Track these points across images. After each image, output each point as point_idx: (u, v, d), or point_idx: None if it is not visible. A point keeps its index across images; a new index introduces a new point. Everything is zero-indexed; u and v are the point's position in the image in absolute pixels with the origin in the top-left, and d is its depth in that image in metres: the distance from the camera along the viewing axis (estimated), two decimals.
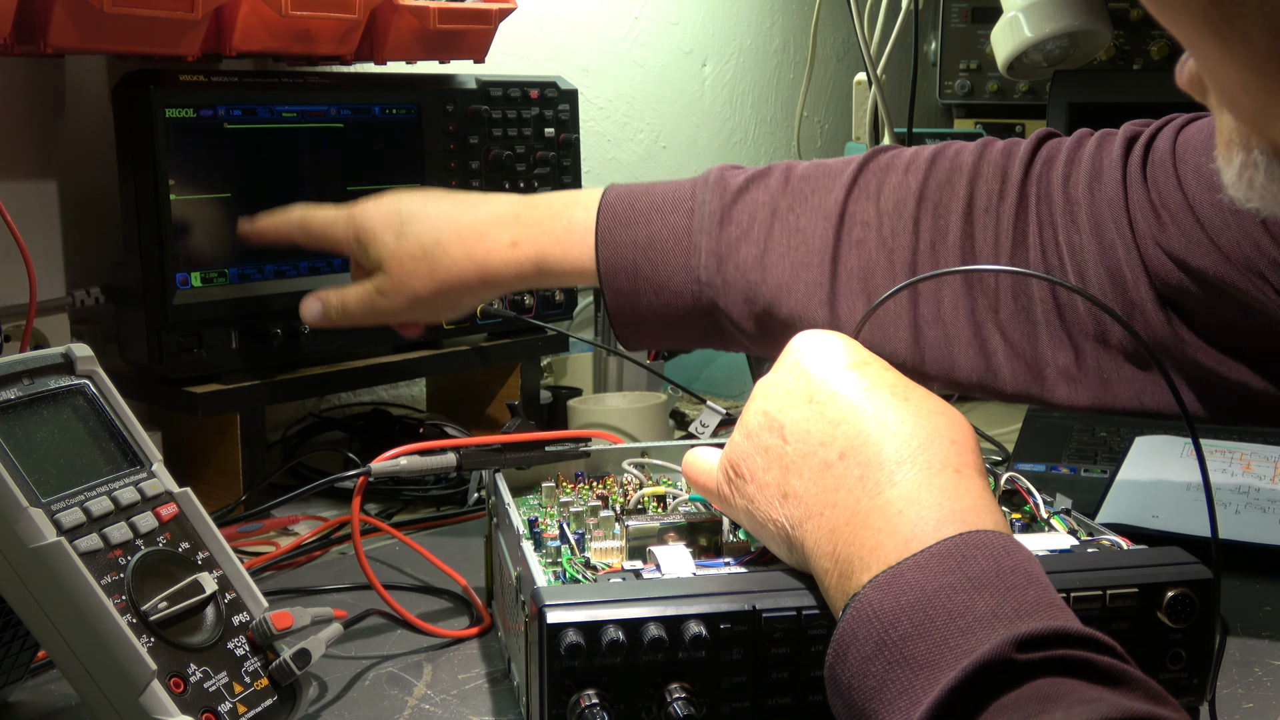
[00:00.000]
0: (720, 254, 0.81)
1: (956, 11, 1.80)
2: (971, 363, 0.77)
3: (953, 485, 0.55)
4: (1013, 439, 1.22)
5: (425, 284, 0.88)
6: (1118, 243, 0.73)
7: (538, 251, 0.85)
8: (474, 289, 0.88)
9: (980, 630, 0.48)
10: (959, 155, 0.79)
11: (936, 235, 0.77)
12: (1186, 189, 0.71)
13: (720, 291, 0.81)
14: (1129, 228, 0.73)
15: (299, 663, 0.65)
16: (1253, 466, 1.05)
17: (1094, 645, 0.47)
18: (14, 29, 0.86)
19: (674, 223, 0.82)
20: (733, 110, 1.77)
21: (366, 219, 0.91)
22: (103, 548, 0.61)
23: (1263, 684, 0.73)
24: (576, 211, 0.85)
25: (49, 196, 1.05)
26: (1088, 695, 0.45)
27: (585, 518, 0.71)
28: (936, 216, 0.78)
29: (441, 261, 0.87)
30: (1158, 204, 0.72)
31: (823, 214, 0.79)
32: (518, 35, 1.44)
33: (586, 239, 0.84)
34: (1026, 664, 0.46)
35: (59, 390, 0.65)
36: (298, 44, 1.01)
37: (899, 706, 0.48)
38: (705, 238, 0.81)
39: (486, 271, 0.87)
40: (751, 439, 0.61)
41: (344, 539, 0.97)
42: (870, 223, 0.78)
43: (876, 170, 0.80)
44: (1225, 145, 0.47)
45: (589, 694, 0.56)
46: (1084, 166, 0.76)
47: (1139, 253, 0.73)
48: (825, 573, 0.56)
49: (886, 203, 0.79)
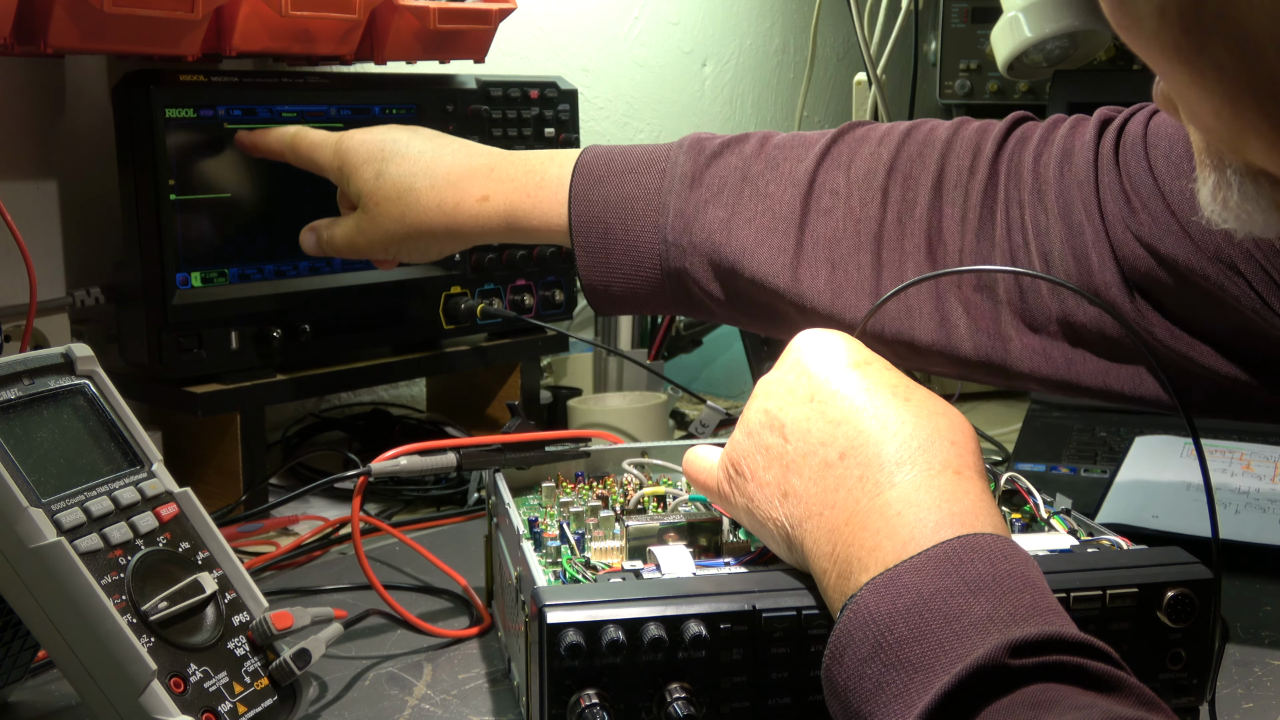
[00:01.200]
0: (688, 215, 0.80)
1: (956, 11, 1.79)
2: (931, 329, 0.76)
3: (952, 487, 0.55)
4: (1013, 439, 1.22)
5: (397, 227, 0.89)
6: (1085, 225, 0.73)
7: (508, 206, 0.86)
8: (441, 238, 0.89)
9: (975, 634, 0.48)
10: (933, 131, 0.79)
11: (904, 207, 0.77)
12: (1157, 175, 0.71)
13: (686, 252, 0.81)
14: (1098, 211, 0.73)
15: (299, 663, 0.65)
16: (1253, 466, 1.05)
17: (1088, 651, 0.47)
18: (14, 29, 0.86)
19: (646, 182, 0.82)
20: (733, 110, 1.77)
21: (352, 151, 0.91)
22: (103, 548, 0.61)
23: (1263, 684, 0.73)
24: (551, 168, 0.85)
25: (49, 196, 1.05)
26: (1080, 701, 0.45)
27: (585, 518, 0.71)
28: (905, 189, 0.77)
29: (413, 207, 0.88)
30: (1129, 189, 0.72)
31: (792, 181, 0.79)
32: (518, 35, 1.44)
33: (559, 195, 0.84)
34: (1020, 669, 0.46)
35: (59, 390, 0.65)
36: (298, 44, 1.01)
37: (894, 709, 0.48)
38: (674, 198, 0.81)
39: (454, 223, 0.87)
40: (752, 437, 0.61)
41: (344, 539, 0.97)
42: (839, 191, 0.78)
43: (850, 141, 0.80)
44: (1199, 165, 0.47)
45: (589, 694, 0.56)
46: (1056, 147, 0.75)
47: (1107, 236, 0.72)
48: (824, 573, 0.56)
49: (857, 173, 0.78)
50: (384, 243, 0.91)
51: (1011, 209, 0.76)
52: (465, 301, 1.14)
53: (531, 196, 0.85)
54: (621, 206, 0.82)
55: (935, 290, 0.76)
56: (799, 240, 0.78)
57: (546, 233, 0.85)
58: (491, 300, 1.16)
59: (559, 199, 0.84)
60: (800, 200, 0.78)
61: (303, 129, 0.96)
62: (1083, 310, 0.72)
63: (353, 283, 1.08)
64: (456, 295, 1.14)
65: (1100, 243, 0.72)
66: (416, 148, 0.90)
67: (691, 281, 0.81)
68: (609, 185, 0.83)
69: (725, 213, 0.80)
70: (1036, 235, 0.74)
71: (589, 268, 0.83)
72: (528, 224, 0.85)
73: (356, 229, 0.92)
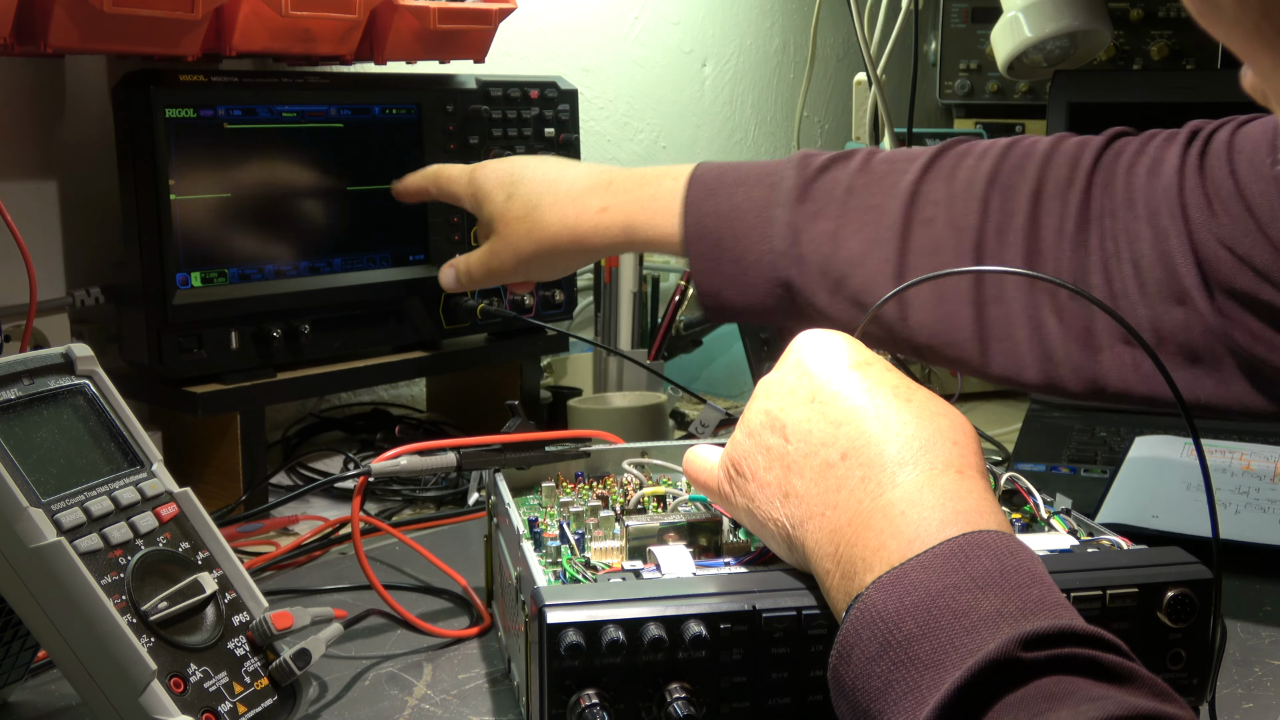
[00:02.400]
0: (796, 226, 0.83)
1: (956, 11, 1.79)
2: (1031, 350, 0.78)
3: (955, 486, 0.55)
4: (1013, 439, 1.22)
5: (526, 244, 0.93)
6: (1170, 230, 0.75)
7: (626, 217, 0.89)
8: (567, 251, 0.92)
9: (985, 630, 0.48)
10: (1034, 145, 0.82)
11: (1003, 218, 0.79)
12: (1239, 178, 0.73)
13: (795, 263, 0.83)
14: (1181, 214, 0.75)
15: (299, 663, 0.65)
16: (1253, 466, 1.05)
17: (1099, 643, 0.47)
18: (14, 29, 0.86)
19: (756, 195, 0.85)
20: (733, 110, 1.77)
21: (484, 179, 0.97)
22: (103, 548, 0.61)
23: (1263, 684, 0.73)
24: (666, 182, 0.89)
25: (49, 196, 1.05)
26: (1094, 693, 0.45)
27: (585, 518, 0.71)
28: (1005, 199, 0.80)
29: (539, 223, 0.92)
30: (1210, 193, 0.74)
31: (895, 193, 0.82)
32: (518, 35, 1.44)
33: (672, 207, 0.87)
34: (1032, 662, 0.46)
35: (59, 390, 0.65)
36: (298, 44, 1.01)
37: (904, 707, 0.48)
38: (783, 210, 0.84)
39: (577, 235, 0.91)
40: (753, 437, 0.61)
41: (344, 539, 0.97)
42: (940, 202, 0.81)
43: (953, 155, 0.83)
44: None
45: (589, 694, 0.56)
46: (1147, 158, 0.78)
47: (1190, 239, 0.74)
48: (827, 573, 0.56)
49: (958, 184, 0.81)
50: (515, 262, 0.95)
51: (1105, 219, 0.78)
52: (465, 301, 1.14)
53: (647, 209, 0.88)
54: (733, 218, 0.85)
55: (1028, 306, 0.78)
56: (902, 250, 0.80)
57: (663, 243, 0.89)
58: (491, 300, 1.16)
59: (672, 211, 0.87)
60: (903, 211, 0.81)
61: (441, 166, 1.03)
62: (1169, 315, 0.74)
63: (353, 283, 1.08)
64: (456, 295, 1.14)
65: (1184, 246, 0.74)
66: (542, 171, 0.95)
67: (798, 292, 0.84)
68: (720, 198, 0.86)
69: (832, 225, 0.82)
70: (1129, 243, 0.76)
71: (702, 275, 0.87)
72: (645, 235, 0.89)
73: (490, 253, 0.96)
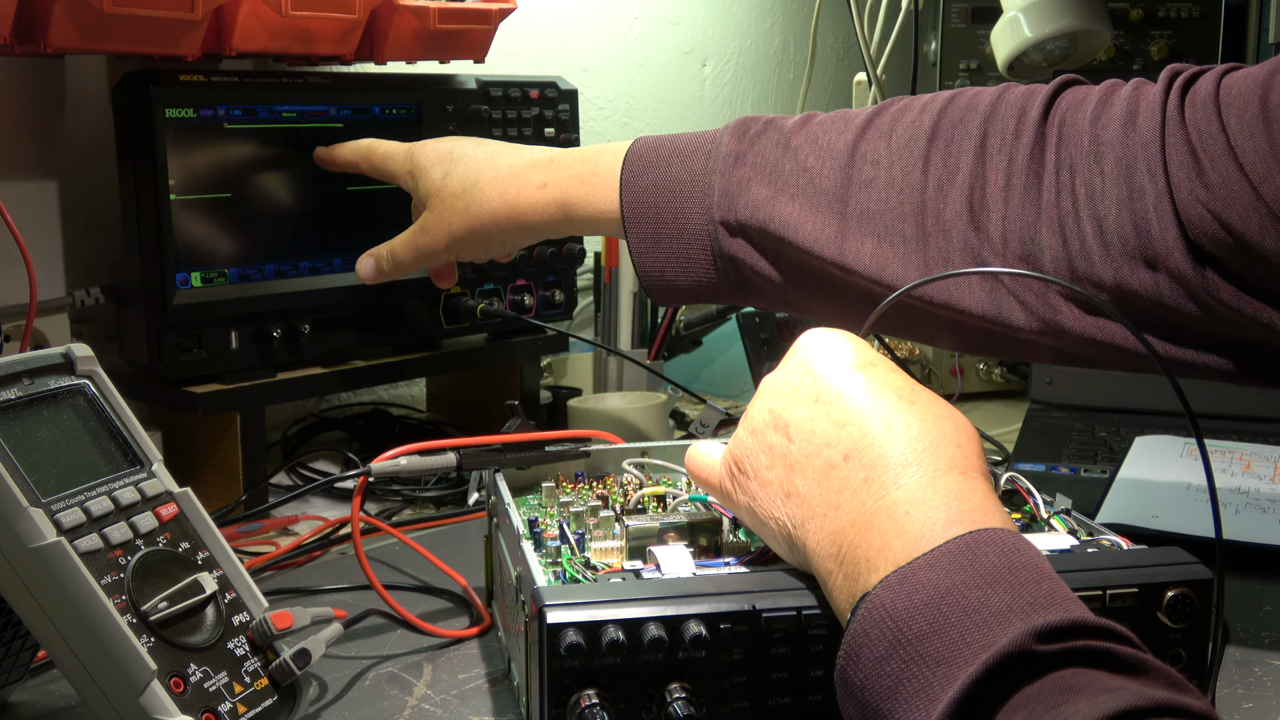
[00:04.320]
0: (732, 192, 0.81)
1: (956, 11, 1.79)
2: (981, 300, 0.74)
3: (959, 487, 0.55)
4: (1013, 439, 1.22)
5: (462, 220, 0.91)
6: (1148, 187, 0.70)
7: (564, 193, 0.87)
8: (505, 229, 0.91)
9: (996, 625, 0.48)
10: (977, 96, 0.78)
11: (945, 175, 0.76)
12: (1230, 133, 0.67)
13: (734, 231, 0.81)
14: (1163, 171, 0.69)
15: (299, 663, 0.65)
16: (1253, 466, 1.05)
17: (1112, 635, 0.47)
18: (14, 29, 0.86)
19: (692, 165, 0.83)
20: (733, 110, 1.77)
21: (422, 155, 0.96)
22: (103, 548, 0.61)
23: (1263, 684, 0.73)
24: (604, 157, 0.87)
25: (49, 196, 1.05)
26: (1110, 684, 0.45)
27: (585, 518, 0.71)
28: (947, 155, 0.76)
29: (477, 200, 0.91)
30: (1197, 147, 0.68)
31: (833, 154, 0.79)
32: (518, 35, 1.44)
33: (610, 182, 0.86)
34: (1047, 655, 0.46)
35: (59, 390, 0.65)
36: (298, 44, 1.01)
37: (916, 704, 0.48)
38: (719, 177, 0.82)
39: (515, 211, 0.89)
40: (756, 436, 0.61)
41: (344, 539, 0.97)
42: (880, 161, 0.78)
43: (893, 112, 0.80)
44: None
45: (589, 694, 0.56)
46: (1118, 108, 0.72)
47: (1171, 198, 0.69)
48: (829, 574, 0.56)
49: (898, 142, 0.78)
50: (448, 239, 0.93)
51: (1061, 173, 0.73)
52: (465, 301, 1.14)
53: (585, 184, 0.87)
54: (670, 190, 0.83)
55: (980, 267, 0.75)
56: (842, 213, 0.78)
57: (600, 221, 0.87)
58: (491, 300, 1.16)
59: (610, 186, 0.86)
60: (841, 173, 0.78)
61: (376, 141, 1.01)
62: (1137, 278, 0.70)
63: (353, 283, 1.08)
64: (456, 295, 1.14)
65: (1163, 205, 0.69)
66: (484, 150, 0.93)
67: (741, 263, 0.82)
68: (657, 170, 0.84)
69: (769, 189, 0.80)
70: (1089, 199, 0.72)
71: (643, 256, 0.85)
72: (583, 213, 0.87)
73: (421, 229, 0.94)
